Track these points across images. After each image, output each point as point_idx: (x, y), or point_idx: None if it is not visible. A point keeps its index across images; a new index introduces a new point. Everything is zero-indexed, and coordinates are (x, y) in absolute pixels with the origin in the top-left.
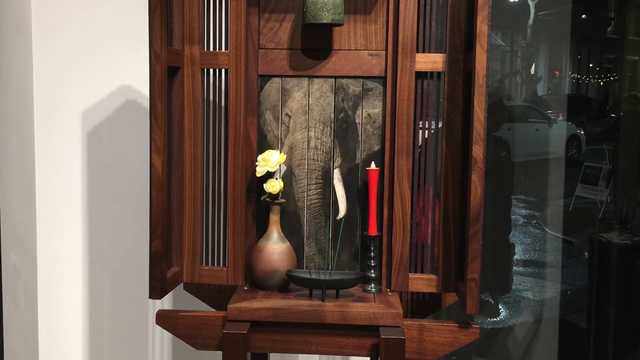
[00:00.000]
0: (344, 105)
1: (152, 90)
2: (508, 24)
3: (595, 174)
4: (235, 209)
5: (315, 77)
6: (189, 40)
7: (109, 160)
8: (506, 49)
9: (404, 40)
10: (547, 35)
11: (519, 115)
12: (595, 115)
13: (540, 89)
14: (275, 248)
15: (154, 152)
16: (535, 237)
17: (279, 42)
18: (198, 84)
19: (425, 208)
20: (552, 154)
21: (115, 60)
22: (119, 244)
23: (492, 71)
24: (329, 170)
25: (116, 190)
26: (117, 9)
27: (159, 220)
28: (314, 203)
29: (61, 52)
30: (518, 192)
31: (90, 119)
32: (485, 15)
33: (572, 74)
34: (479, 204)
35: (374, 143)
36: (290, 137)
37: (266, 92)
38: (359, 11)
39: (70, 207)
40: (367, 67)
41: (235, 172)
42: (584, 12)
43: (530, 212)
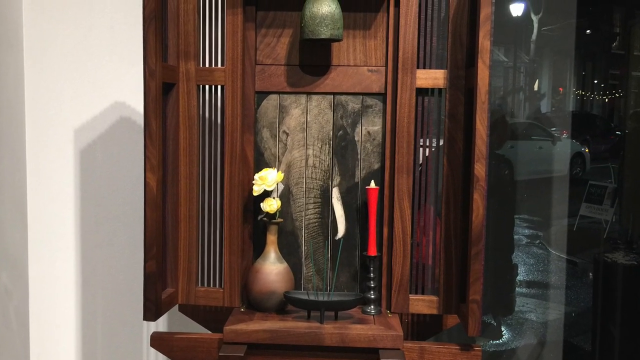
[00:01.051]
0: (343, 122)
1: (146, 107)
2: (511, 40)
3: (600, 193)
4: (231, 228)
5: (313, 94)
6: (185, 56)
7: (102, 179)
8: (509, 64)
9: (404, 56)
10: (550, 51)
11: (522, 132)
12: (600, 133)
13: (543, 106)
14: (272, 269)
15: (148, 170)
16: (538, 258)
17: (277, 58)
18: (193, 101)
19: (426, 228)
20: (556, 173)
21: (108, 76)
22: (112, 264)
23: (494, 88)
24: (327, 189)
25: (110, 210)
26: (110, 23)
27: (154, 240)
28: (312, 223)
29: (53, 67)
30: (521, 212)
31: (83, 136)
32: (488, 31)
33: (577, 90)
34: (481, 224)
35: (374, 161)
36: (288, 155)
37: (263, 109)
38: (358, 26)
39: (63, 227)
40: (366, 84)
41: (231, 191)
42: (588, 27)
43: (533, 232)
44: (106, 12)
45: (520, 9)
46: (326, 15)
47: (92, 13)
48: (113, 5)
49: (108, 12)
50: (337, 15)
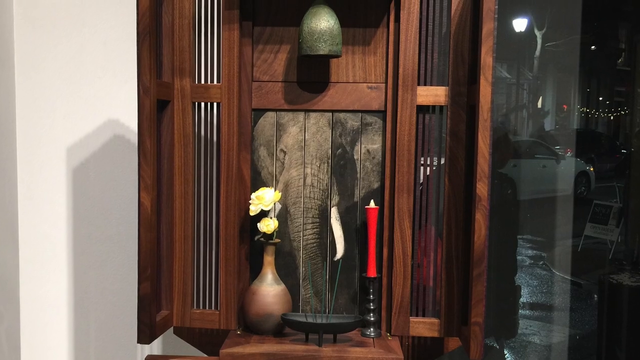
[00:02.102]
0: (342, 140)
1: (140, 125)
2: (514, 56)
3: (605, 213)
4: (227, 249)
5: (311, 111)
6: (180, 73)
7: (95, 199)
8: (512, 81)
9: (405, 72)
10: (554, 68)
11: (525, 151)
12: (605, 151)
13: (547, 124)
14: (269, 290)
15: (142, 189)
16: (542, 279)
17: (274, 75)
18: (189, 118)
19: (427, 248)
20: (560, 192)
21: (101, 93)
22: (105, 286)
23: (497, 105)
24: (326, 209)
25: (103, 230)
26: (103, 39)
27: (148, 262)
28: (310, 243)
29: (45, 84)
30: (524, 232)
31: (75, 154)
32: (490, 47)
33: (581, 107)
34: (483, 244)
35: (373, 180)
36: (286, 174)
37: (260, 127)
38: (357, 42)
39: (55, 247)
40: (366, 101)
41: (227, 210)
42: (593, 43)
43: (537, 253)
44: (99, 27)
45: (524, 24)
46: (325, 31)
47: (85, 28)
48: (106, 21)
49: (101, 28)
50: (335, 31)
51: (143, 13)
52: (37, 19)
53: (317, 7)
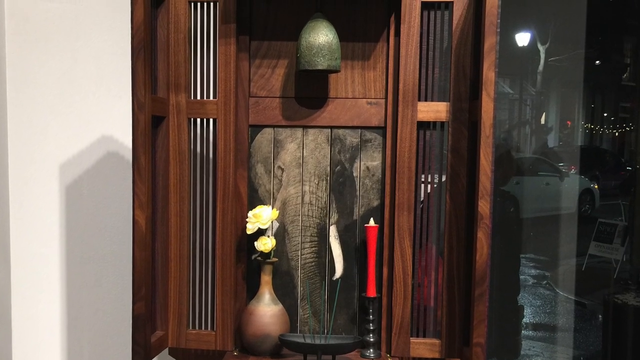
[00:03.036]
0: (341, 157)
1: (135, 142)
2: (517, 71)
3: (610, 231)
4: (224, 268)
5: (309, 128)
6: (175, 88)
7: (89, 217)
8: (514, 97)
9: (405, 88)
10: (558, 83)
11: (528, 168)
12: (610, 169)
13: (551, 140)
14: (267, 310)
15: (137, 207)
16: (545, 299)
17: (271, 90)
18: (184, 135)
19: (428, 267)
20: (564, 210)
21: (95, 109)
22: (99, 306)
23: (499, 121)
24: (324, 227)
25: (96, 249)
26: (97, 53)
27: (143, 281)
28: (308, 262)
29: (37, 100)
30: (527, 251)
31: (68, 172)
32: (492, 62)
33: (585, 124)
34: (485, 263)
35: (373, 198)
36: (283, 191)
37: (257, 144)
38: (356, 57)
39: (47, 266)
40: (365, 117)
41: (224, 229)
42: (597, 57)
43: (540, 272)
44: (93, 41)
45: (527, 38)
46: (323, 45)
47: (78, 43)
48: (100, 35)
49: (95, 42)
50: (334, 45)
51: (138, 27)
52: (29, 33)
53: (315, 21)
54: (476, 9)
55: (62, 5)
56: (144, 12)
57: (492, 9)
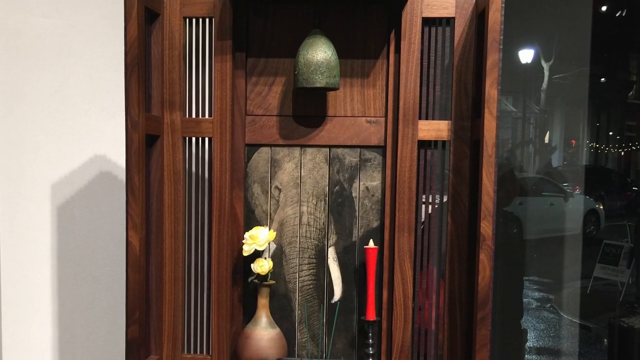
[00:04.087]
0: (340, 177)
1: (128, 161)
2: (520, 88)
3: (615, 253)
4: (219, 291)
5: (308, 147)
6: (169, 106)
7: (81, 238)
8: (518, 115)
9: (405, 106)
10: (562, 101)
11: (531, 188)
12: (615, 189)
13: (555, 160)
14: (264, 334)
15: (130, 228)
16: (549, 322)
17: (268, 108)
18: (179, 154)
19: (429, 290)
20: (568, 231)
21: (88, 127)
22: (92, 329)
23: (502, 140)
24: (323, 249)
25: (89, 271)
26: (89, 70)
27: (136, 304)
28: (306, 285)
29: (28, 118)
30: (531, 273)
31: (60, 192)
32: (495, 79)
33: (590, 143)
34: (488, 286)
35: (373, 219)
36: (281, 212)
37: (254, 163)
38: (356, 74)
39: (39, 288)
40: (364, 136)
41: (219, 250)
42: (603, 75)
43: (544, 295)
44: (85, 58)
45: (530, 55)
46: (321, 63)
47: (70, 59)
48: (92, 52)
49: (87, 59)
50: (333, 63)
51: (131, 43)
52: (20, 49)
53: (313, 38)
54: (478, 25)
55: (53, 20)
56: (137, 28)
57: (494, 25)
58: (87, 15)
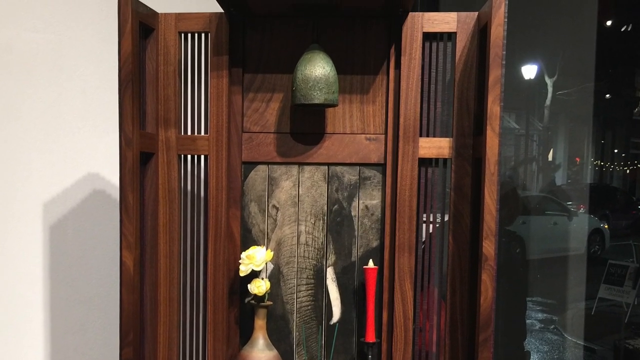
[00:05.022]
0: (339, 195)
1: (122, 179)
2: (523, 105)
3: (620, 274)
4: (216, 312)
5: (306, 165)
6: (164, 123)
7: (74, 258)
8: (521, 132)
9: (406, 123)
10: (566, 117)
11: (535, 207)
12: (620, 207)
13: (558, 178)
14: (261, 356)
15: (124, 248)
16: (553, 344)
17: (265, 125)
18: (174, 172)
19: (430, 311)
20: (573, 251)
21: (81, 144)
22: (85, 351)
23: (504, 157)
24: (321, 269)
25: (82, 292)
26: (83, 87)
27: (130, 326)
28: (304, 306)
29: (20, 135)
30: (534, 294)
31: (52, 211)
32: (497, 95)
33: (595, 160)
34: (490, 307)
35: (372, 238)
36: (278, 231)
37: (251, 181)
38: (355, 90)
39: (30, 310)
40: (364, 153)
41: (215, 271)
42: (607, 91)
43: (547, 316)
44: (78, 74)
45: (533, 71)
46: (320, 78)
47: (63, 75)
48: (86, 67)
49: (80, 75)
50: (331, 79)
51: (125, 59)
52: (11, 65)
53: (311, 53)
54: (480, 40)
55: (45, 35)
56: (132, 43)
57: (497, 40)
58: (80, 30)
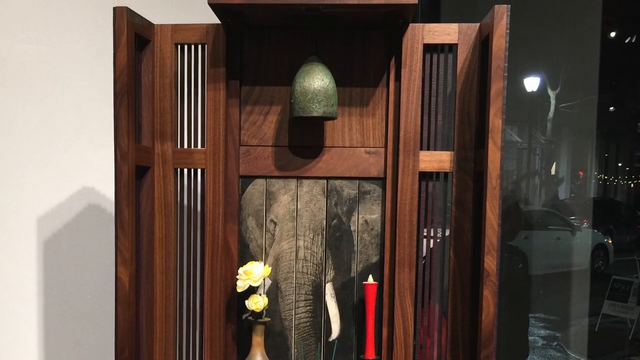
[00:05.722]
0: (338, 210)
1: (117, 193)
2: (525, 118)
3: (624, 289)
4: (212, 329)
5: (304, 178)
6: (160, 136)
7: (69, 273)
8: (523, 145)
9: (406, 136)
10: (569, 131)
11: (537, 221)
12: (624, 222)
13: (561, 192)
14: None
15: (120, 263)
16: None
17: (263, 138)
18: (170, 186)
19: (431, 328)
20: (576, 266)
21: (75, 158)
22: None
23: (506, 171)
24: (320, 285)
25: (77, 308)
26: (77, 99)
27: (126, 342)
28: (303, 322)
29: (14, 149)
30: (536, 310)
31: (47, 225)
32: (499, 108)
33: (599, 174)
34: (492, 324)
35: (372, 253)
36: (276, 246)
37: (248, 195)
38: (354, 103)
39: (25, 326)
40: (363, 167)
41: (212, 286)
42: (611, 103)
43: (550, 333)
44: (73, 86)
45: (536, 83)
46: (319, 91)
47: (57, 88)
48: (80, 80)
49: (75, 87)
50: (330, 91)
51: (121, 71)
52: (5, 77)
53: (310, 65)
54: (482, 52)
55: (39, 47)
56: (127, 55)
57: (499, 52)
58: (74, 42)
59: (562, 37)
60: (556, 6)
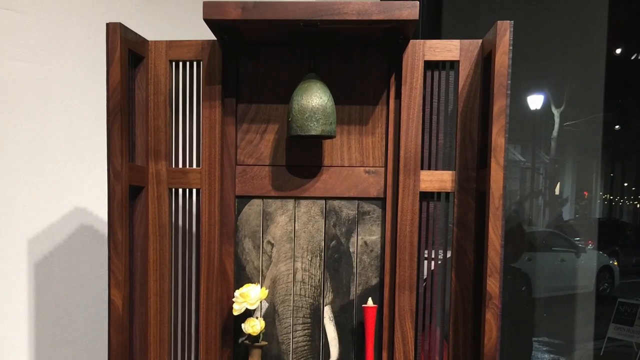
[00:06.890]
0: (336, 231)
1: (111, 214)
2: (529, 137)
3: (631, 312)
4: (208, 353)
5: (302, 199)
6: (155, 155)
7: (60, 296)
8: (526, 165)
9: (407, 155)
10: (574, 150)
11: (541, 243)
12: (630, 243)
13: (566, 213)
14: None
15: (113, 286)
16: None
17: (260, 157)
18: (165, 206)
19: (432, 352)
20: (581, 289)
21: (67, 178)
22: None
23: (509, 191)
24: (318, 308)
25: (68, 332)
26: (69, 118)
27: None
28: (300, 346)
29: (4, 168)
30: (540, 333)
31: (38, 247)
32: (502, 127)
33: (604, 194)
34: (495, 348)
35: (372, 276)
36: (273, 268)
37: (245, 216)
38: (353, 121)
39: (15, 351)
40: (363, 187)
41: (208, 309)
42: (617, 122)
43: (554, 357)
44: (64, 104)
45: (540, 101)
46: (317, 109)
47: (49, 106)
48: (72, 97)
49: (67, 105)
50: (329, 109)
51: (114, 88)
52: None
53: (308, 82)
54: (484, 69)
55: (30, 64)
56: (120, 72)
57: (501, 69)
58: (66, 59)
59: (566, 53)
60: (560, 22)
